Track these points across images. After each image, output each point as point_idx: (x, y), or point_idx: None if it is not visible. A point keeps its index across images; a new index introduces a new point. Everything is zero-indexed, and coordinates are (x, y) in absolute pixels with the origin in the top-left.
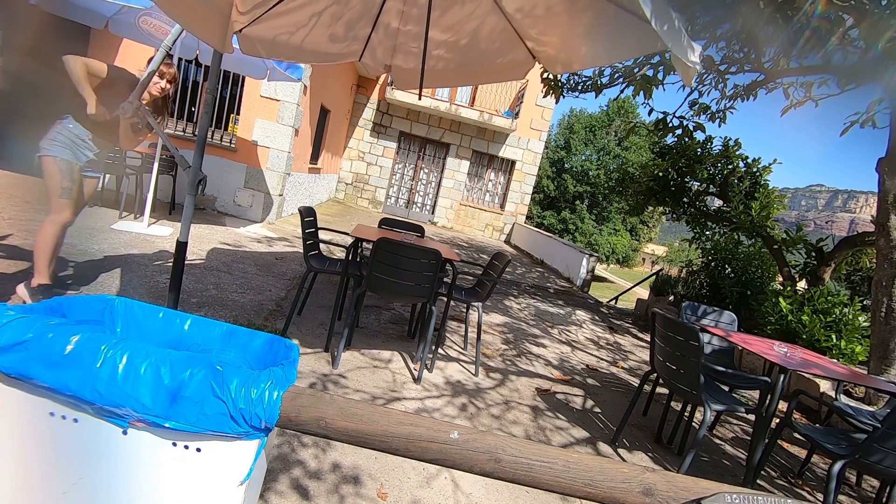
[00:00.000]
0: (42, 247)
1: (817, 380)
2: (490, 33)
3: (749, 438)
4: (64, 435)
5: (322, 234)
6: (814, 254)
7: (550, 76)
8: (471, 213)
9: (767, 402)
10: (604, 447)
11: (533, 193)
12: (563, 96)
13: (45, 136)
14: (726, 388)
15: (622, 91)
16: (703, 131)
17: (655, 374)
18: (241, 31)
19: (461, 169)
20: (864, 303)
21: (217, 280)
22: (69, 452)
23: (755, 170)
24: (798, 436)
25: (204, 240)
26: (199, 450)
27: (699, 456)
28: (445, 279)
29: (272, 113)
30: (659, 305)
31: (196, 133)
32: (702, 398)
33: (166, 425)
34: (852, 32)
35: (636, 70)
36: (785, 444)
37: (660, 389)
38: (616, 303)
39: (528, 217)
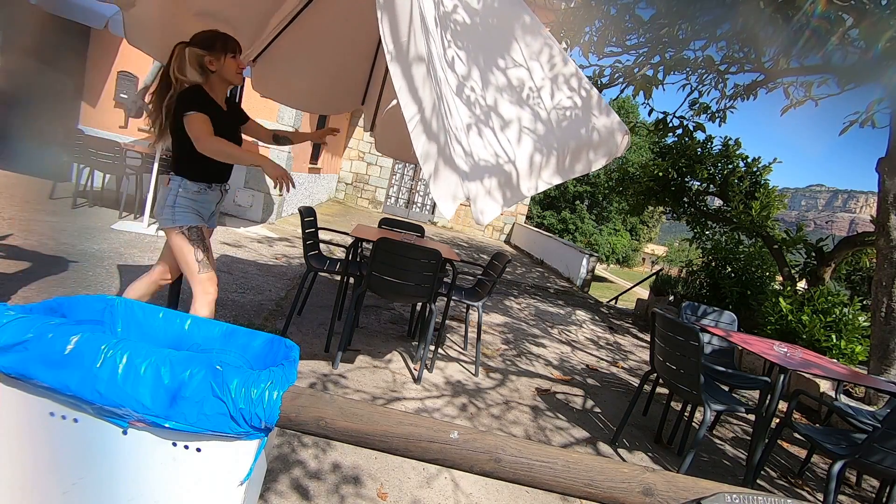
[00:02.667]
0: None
1: (817, 380)
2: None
3: (749, 438)
4: (64, 435)
5: (322, 234)
6: (814, 254)
7: None
8: (471, 213)
9: (767, 402)
10: (604, 447)
11: None
12: None
13: (160, 205)
14: (726, 388)
15: (622, 91)
16: (703, 131)
17: (655, 374)
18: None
19: None
20: (864, 303)
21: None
22: (69, 452)
23: (755, 169)
24: (798, 436)
25: None
26: (199, 450)
27: (699, 456)
28: (445, 279)
29: (272, 113)
30: (659, 305)
31: None
32: (702, 398)
33: (166, 425)
34: (852, 32)
35: (636, 70)
36: (785, 444)
37: (660, 389)
38: (616, 303)
39: (528, 217)
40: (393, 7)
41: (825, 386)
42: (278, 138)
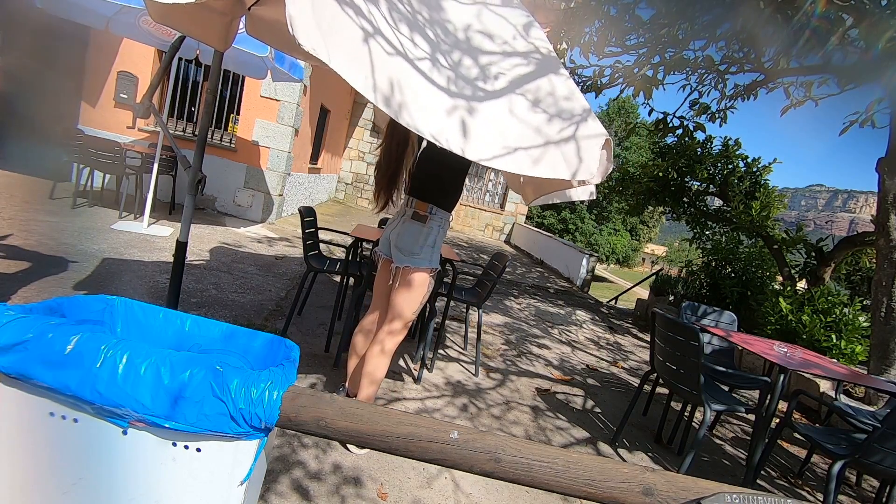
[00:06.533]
0: (380, 376)
1: (817, 380)
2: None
3: (749, 438)
4: (64, 435)
5: (322, 234)
6: (814, 254)
7: None
8: (471, 213)
9: (767, 402)
10: (604, 447)
11: None
12: None
13: (414, 243)
14: (726, 388)
15: (622, 91)
16: (704, 131)
17: (655, 374)
18: (249, 8)
19: None
20: (864, 303)
21: (217, 280)
22: (69, 452)
23: (755, 169)
24: (798, 436)
25: (204, 240)
26: (199, 450)
27: (699, 456)
28: (445, 279)
29: (272, 113)
30: (659, 305)
31: (196, 133)
32: (702, 398)
33: (166, 425)
34: (852, 32)
35: (636, 70)
36: (785, 444)
37: (660, 389)
38: (616, 303)
39: (528, 217)
40: None
41: (825, 386)
42: None
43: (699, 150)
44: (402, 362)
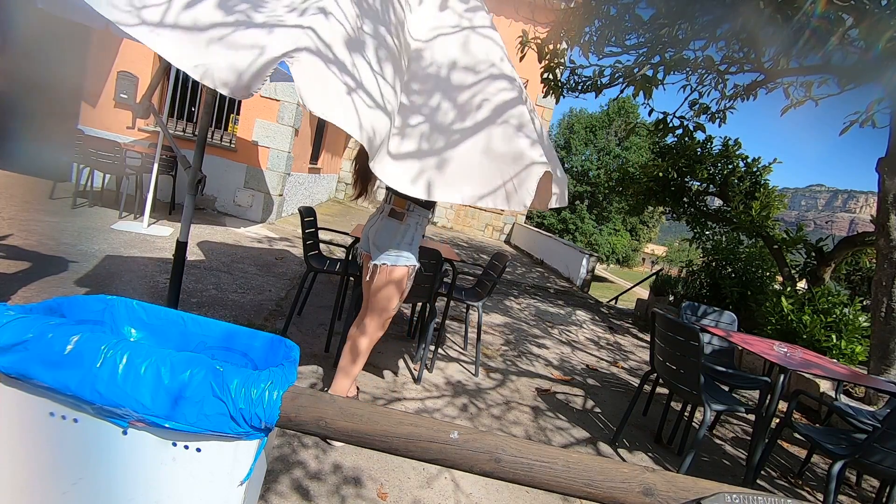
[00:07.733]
0: (355, 372)
1: (817, 380)
2: None
3: (749, 438)
4: (64, 435)
5: (322, 234)
6: (814, 254)
7: (550, 76)
8: (471, 213)
9: (767, 402)
10: (604, 447)
11: None
12: (563, 96)
13: (391, 240)
14: (726, 388)
15: (622, 91)
16: (704, 131)
17: (655, 374)
18: None
19: None
20: (864, 303)
21: (217, 280)
22: (69, 452)
23: (755, 169)
24: (798, 436)
25: (204, 240)
26: (199, 450)
27: (699, 456)
28: (445, 279)
29: (272, 113)
30: (659, 305)
31: (196, 133)
32: (702, 398)
33: (166, 425)
34: (852, 32)
35: (636, 70)
36: (785, 444)
37: (660, 389)
38: (616, 303)
39: (528, 217)
40: None
41: (825, 386)
42: None
43: (699, 150)
44: (402, 362)
